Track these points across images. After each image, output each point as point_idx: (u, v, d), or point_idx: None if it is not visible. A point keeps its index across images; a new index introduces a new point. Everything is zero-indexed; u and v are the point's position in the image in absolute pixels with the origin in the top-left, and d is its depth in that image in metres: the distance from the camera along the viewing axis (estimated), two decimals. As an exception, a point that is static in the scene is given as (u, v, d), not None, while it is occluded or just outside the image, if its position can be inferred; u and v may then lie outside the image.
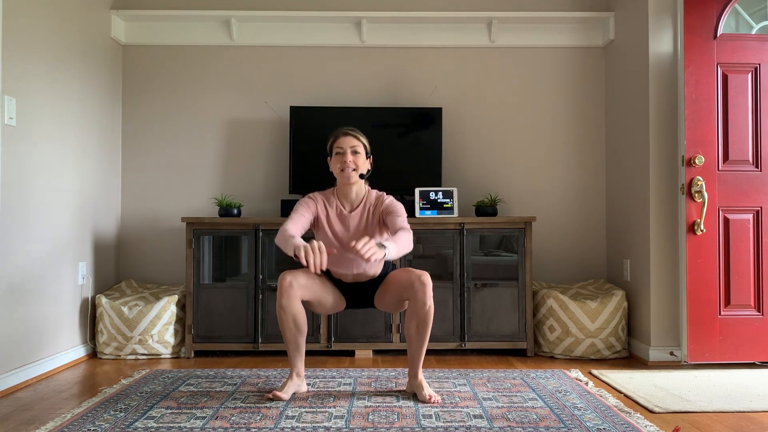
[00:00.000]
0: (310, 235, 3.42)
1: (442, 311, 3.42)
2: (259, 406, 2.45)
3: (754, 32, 3.45)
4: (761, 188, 3.13)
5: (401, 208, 2.59)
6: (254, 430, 2.17)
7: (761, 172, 3.14)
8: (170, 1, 3.91)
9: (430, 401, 2.49)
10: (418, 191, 3.52)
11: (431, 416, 2.31)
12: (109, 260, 3.73)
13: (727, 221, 3.11)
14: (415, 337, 2.55)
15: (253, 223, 3.42)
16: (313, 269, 2.21)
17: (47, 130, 3.07)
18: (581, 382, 2.83)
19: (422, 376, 2.62)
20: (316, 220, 2.65)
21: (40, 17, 3.00)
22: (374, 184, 2.87)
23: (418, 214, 3.49)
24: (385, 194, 2.66)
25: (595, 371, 3.03)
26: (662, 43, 3.29)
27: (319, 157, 3.64)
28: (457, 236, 3.44)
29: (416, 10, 3.90)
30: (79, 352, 3.33)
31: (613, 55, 3.81)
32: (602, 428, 2.17)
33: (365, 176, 2.64)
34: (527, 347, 3.43)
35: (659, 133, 3.27)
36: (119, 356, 3.36)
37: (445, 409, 2.41)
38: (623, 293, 3.41)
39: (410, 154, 3.71)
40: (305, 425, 2.21)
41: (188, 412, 2.37)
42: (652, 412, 2.40)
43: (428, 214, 3.49)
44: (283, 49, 3.93)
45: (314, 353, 3.47)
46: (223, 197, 3.77)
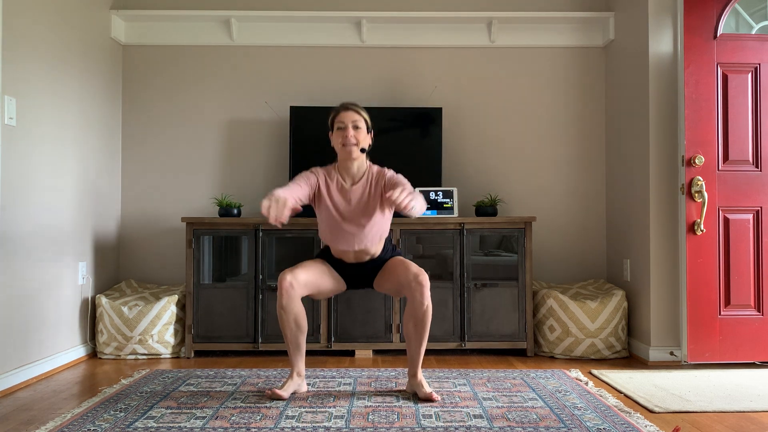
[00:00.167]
0: (310, 217, 3.42)
1: (442, 311, 3.42)
2: (259, 406, 2.45)
3: (754, 32, 3.45)
4: (761, 188, 3.13)
5: (404, 178, 2.58)
6: (254, 430, 2.17)
7: (761, 172, 3.14)
8: (170, 1, 3.91)
9: (430, 397, 2.49)
10: (418, 191, 3.51)
11: (431, 416, 2.31)
12: (109, 260, 3.73)
13: (727, 221, 3.11)
14: (413, 336, 2.55)
15: (253, 223, 3.42)
16: (272, 221, 2.18)
17: (47, 130, 3.07)
18: (581, 382, 2.83)
19: (422, 375, 2.62)
20: (316, 194, 2.61)
21: (40, 17, 3.00)
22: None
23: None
24: (386, 169, 2.65)
25: (595, 371, 3.03)
26: (662, 43, 3.29)
27: (319, 157, 3.63)
28: (457, 236, 3.44)
29: (416, 10, 3.90)
30: (79, 352, 3.34)
31: (613, 55, 3.81)
32: (602, 428, 2.17)
33: (366, 151, 2.62)
34: (527, 347, 3.43)
35: (659, 133, 3.27)
36: (119, 356, 3.36)
37: (445, 409, 2.41)
38: (623, 293, 3.41)
39: (410, 154, 3.71)
40: (305, 425, 2.21)
41: (188, 412, 2.37)
42: (652, 412, 2.40)
43: (428, 214, 3.49)
44: (283, 49, 3.93)
45: (314, 353, 3.47)
46: (223, 197, 3.77)
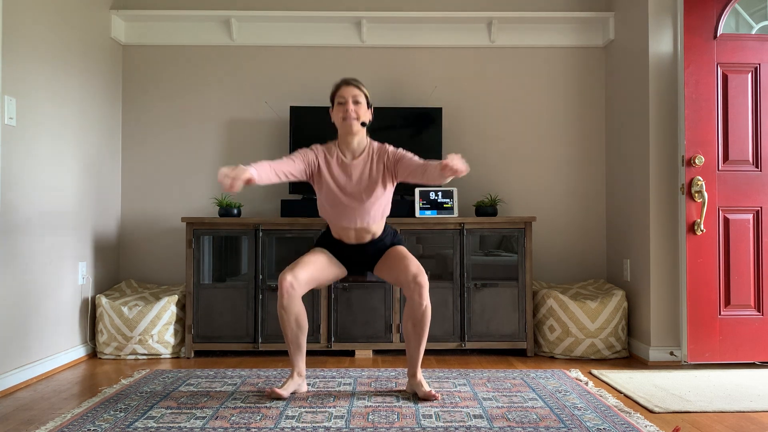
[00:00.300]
0: (310, 217, 3.42)
1: (442, 311, 3.42)
2: (259, 406, 2.45)
3: (754, 32, 3.45)
4: (761, 188, 3.13)
5: (408, 152, 2.60)
6: (254, 430, 2.17)
7: (761, 172, 3.14)
8: (170, 1, 3.91)
9: (430, 395, 2.49)
10: (418, 191, 3.51)
11: (431, 416, 2.31)
12: (109, 260, 3.73)
13: (727, 221, 3.11)
14: (412, 336, 2.55)
15: (253, 223, 3.42)
16: (225, 189, 2.17)
17: (47, 130, 3.07)
18: (581, 382, 2.83)
19: (421, 375, 2.63)
20: (315, 172, 2.60)
21: (40, 17, 3.00)
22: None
23: (418, 214, 3.49)
24: (386, 144, 2.65)
25: (595, 371, 3.03)
26: (662, 43, 3.29)
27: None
28: (457, 236, 3.44)
29: (416, 10, 3.90)
30: (79, 352, 3.34)
31: (613, 55, 3.81)
32: (602, 428, 2.17)
33: (366, 125, 2.62)
34: (527, 347, 3.43)
35: (659, 133, 3.27)
36: (119, 356, 3.36)
37: (445, 409, 2.41)
38: (623, 293, 3.41)
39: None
40: (305, 425, 2.21)
41: (188, 412, 2.37)
42: (652, 412, 2.40)
43: (428, 214, 3.49)
44: (283, 49, 3.93)
45: (314, 353, 3.47)
46: (223, 197, 3.77)
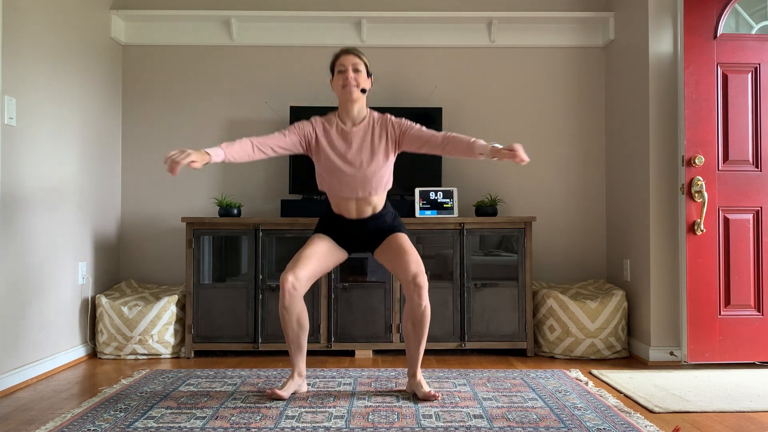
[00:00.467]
0: (310, 217, 3.42)
1: (442, 311, 3.42)
2: (259, 406, 2.45)
3: (754, 32, 3.45)
4: (761, 188, 3.13)
5: (412, 122, 2.62)
6: (254, 430, 2.17)
7: (761, 172, 3.14)
8: (170, 1, 3.91)
9: (430, 396, 2.49)
10: (418, 191, 3.52)
11: (431, 416, 2.31)
12: (109, 260, 3.73)
13: (727, 221, 3.11)
14: (412, 335, 2.55)
15: (253, 223, 3.42)
16: (168, 169, 2.20)
17: (47, 130, 3.07)
18: (581, 382, 2.83)
19: (421, 375, 2.62)
20: (312, 144, 2.59)
21: (40, 17, 3.00)
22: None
23: (418, 214, 3.49)
24: (388, 114, 2.63)
25: (595, 371, 3.03)
26: (662, 43, 3.29)
27: (319, 157, 3.64)
28: (457, 236, 3.44)
29: (416, 10, 3.90)
30: (79, 352, 3.33)
31: (613, 55, 3.81)
32: (602, 428, 2.17)
33: (366, 92, 2.60)
34: (527, 347, 3.43)
35: (659, 133, 3.27)
36: (119, 356, 3.36)
37: (445, 409, 2.41)
38: (623, 293, 3.41)
39: (410, 154, 3.69)
40: (305, 425, 2.21)
41: (188, 412, 2.37)
42: (652, 412, 2.40)
43: (428, 214, 3.49)
44: (283, 49, 3.93)
45: (314, 353, 3.47)
46: (223, 197, 3.77)
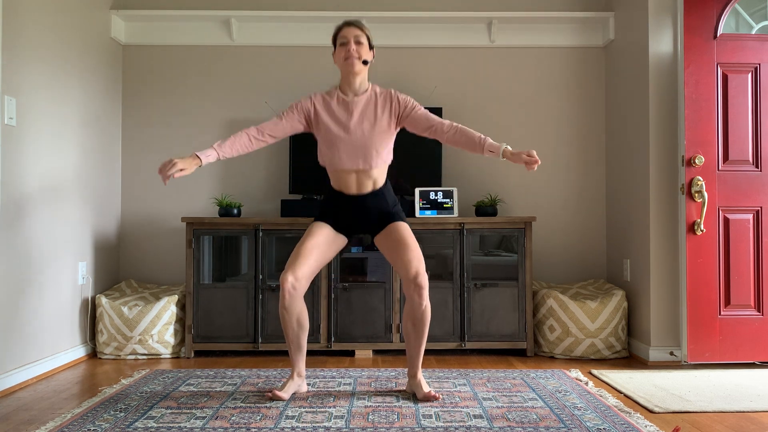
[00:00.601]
0: (309, 217, 3.41)
1: (442, 311, 3.42)
2: (259, 406, 2.45)
3: (754, 32, 3.45)
4: (761, 188, 3.13)
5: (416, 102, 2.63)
6: (254, 430, 2.17)
7: (761, 172, 3.14)
8: (170, 1, 3.91)
9: (430, 396, 2.49)
10: (418, 191, 3.52)
11: (431, 416, 2.31)
12: (109, 260, 3.73)
13: (727, 221, 3.11)
14: (412, 335, 2.54)
15: (253, 223, 3.42)
16: (162, 178, 2.33)
17: (47, 130, 3.07)
18: (581, 382, 2.83)
19: (421, 375, 2.62)
20: (312, 119, 2.59)
21: (40, 17, 3.00)
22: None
23: (418, 214, 3.49)
24: (392, 90, 2.62)
25: (595, 371, 3.03)
26: (662, 43, 3.29)
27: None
28: (457, 236, 3.44)
29: (416, 10, 3.90)
30: (79, 352, 3.34)
31: (613, 55, 3.81)
32: (602, 428, 2.17)
33: (368, 63, 2.59)
34: (527, 347, 3.43)
35: (659, 133, 3.27)
36: (119, 356, 3.36)
37: (445, 409, 2.41)
38: (623, 293, 3.41)
39: (410, 154, 3.70)
40: (305, 425, 2.21)
41: (188, 412, 2.37)
42: (652, 412, 2.40)
43: (428, 214, 3.49)
44: (283, 49, 3.93)
45: (314, 353, 3.47)
46: (223, 197, 3.77)
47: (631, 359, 3.38)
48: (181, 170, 2.33)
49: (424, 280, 2.46)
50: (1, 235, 2.71)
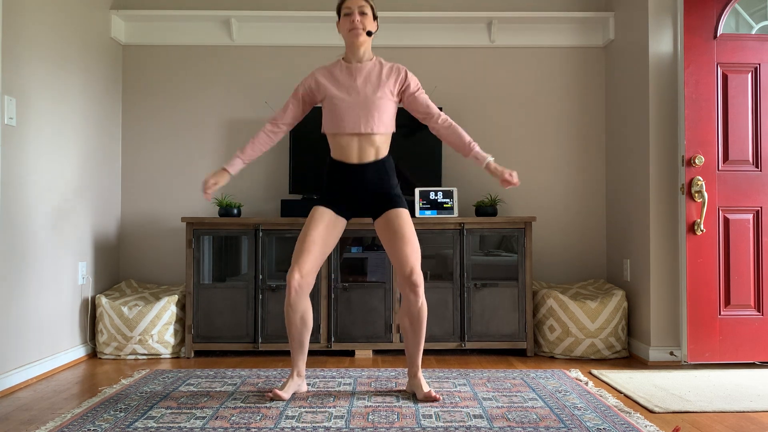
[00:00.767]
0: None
1: (441, 311, 3.42)
2: (259, 406, 2.45)
3: (754, 32, 3.45)
4: (761, 188, 3.13)
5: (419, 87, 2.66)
6: (254, 430, 2.17)
7: (761, 172, 3.14)
8: (170, 1, 3.91)
9: (430, 396, 2.48)
10: (418, 191, 3.52)
11: (431, 416, 2.31)
12: (109, 260, 3.73)
13: (727, 221, 3.11)
14: (410, 332, 2.54)
15: (253, 223, 3.42)
16: (205, 195, 2.54)
17: (47, 130, 3.07)
18: (581, 382, 2.83)
19: (421, 375, 2.62)
20: (316, 92, 2.61)
21: (40, 17, 3.00)
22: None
23: (418, 214, 3.49)
24: (400, 65, 2.63)
25: (595, 371, 3.03)
26: (662, 43, 3.29)
27: (318, 156, 3.64)
28: (457, 236, 3.44)
29: (416, 10, 3.90)
30: (79, 352, 3.34)
31: (613, 55, 3.81)
32: (602, 428, 2.17)
33: (372, 34, 2.60)
34: (527, 347, 3.43)
35: (659, 133, 3.27)
36: (119, 356, 3.36)
37: (445, 409, 2.41)
38: (623, 293, 3.41)
39: (411, 154, 3.71)
40: (305, 425, 2.21)
41: (188, 412, 2.37)
42: (652, 412, 2.40)
43: (428, 214, 3.49)
44: (283, 49, 3.93)
45: (314, 353, 3.47)
46: (223, 197, 3.77)
47: (631, 359, 3.38)
48: (215, 184, 2.54)
49: (419, 277, 2.45)
50: (1, 235, 2.71)
